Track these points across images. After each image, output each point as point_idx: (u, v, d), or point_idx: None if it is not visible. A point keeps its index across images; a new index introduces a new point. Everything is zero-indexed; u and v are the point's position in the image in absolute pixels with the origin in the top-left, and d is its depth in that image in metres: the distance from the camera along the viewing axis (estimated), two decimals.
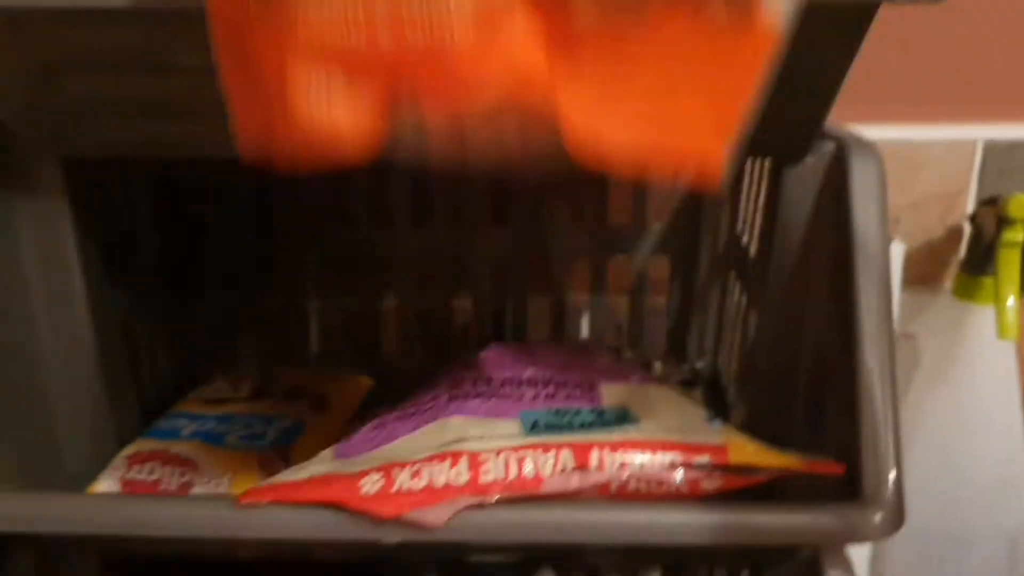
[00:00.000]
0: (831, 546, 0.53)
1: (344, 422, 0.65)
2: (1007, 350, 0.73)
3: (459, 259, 0.78)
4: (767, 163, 0.58)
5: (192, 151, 0.50)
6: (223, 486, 0.53)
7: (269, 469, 0.55)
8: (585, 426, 0.46)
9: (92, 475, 0.54)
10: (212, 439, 0.57)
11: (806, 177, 0.52)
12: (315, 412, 0.64)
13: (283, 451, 0.57)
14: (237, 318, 0.78)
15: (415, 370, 0.76)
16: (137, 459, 0.54)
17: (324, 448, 0.59)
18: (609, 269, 0.78)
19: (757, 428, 0.48)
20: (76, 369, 0.53)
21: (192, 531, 0.43)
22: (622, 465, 0.43)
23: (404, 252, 0.77)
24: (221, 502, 0.43)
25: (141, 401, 0.61)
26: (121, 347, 0.58)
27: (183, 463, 0.54)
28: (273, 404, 0.64)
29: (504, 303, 0.80)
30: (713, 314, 0.77)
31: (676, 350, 0.79)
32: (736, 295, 0.70)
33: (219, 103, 0.36)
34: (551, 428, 0.46)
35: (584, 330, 0.79)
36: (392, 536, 0.43)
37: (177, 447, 0.55)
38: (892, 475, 0.42)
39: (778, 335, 0.57)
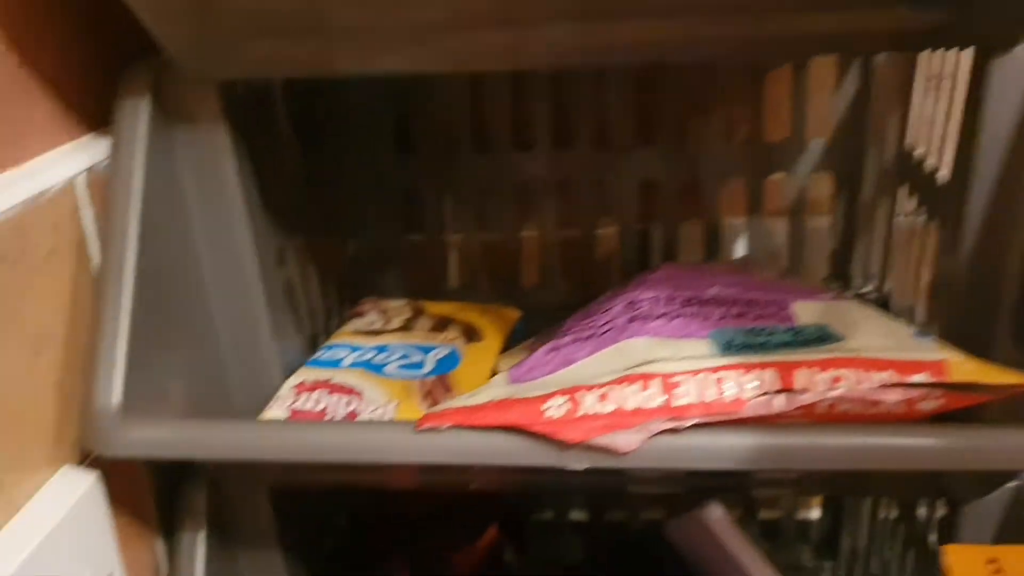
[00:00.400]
0: None
1: (497, 352, 0.63)
2: None
3: (603, 183, 0.75)
4: (962, 57, 0.53)
5: (341, 69, 0.48)
6: (389, 414, 0.52)
7: (432, 397, 0.54)
8: (783, 345, 0.42)
9: (258, 406, 0.53)
10: (373, 368, 0.56)
11: (1017, 68, 0.47)
12: (469, 341, 0.62)
13: (443, 380, 0.56)
14: (379, 253, 0.77)
15: (556, 304, 0.74)
16: (303, 388, 0.53)
17: (483, 376, 0.57)
18: (766, 189, 0.73)
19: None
20: (239, 299, 0.52)
21: (373, 456, 0.41)
22: (831, 385, 0.40)
23: (545, 178, 0.74)
24: (401, 426, 0.41)
25: (299, 335, 0.60)
26: (279, 278, 0.57)
27: (348, 391, 0.53)
28: (425, 335, 0.62)
29: (651, 230, 0.77)
30: (880, 234, 0.72)
31: (839, 274, 0.74)
32: (909, 211, 0.65)
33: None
34: (746, 348, 0.42)
35: (739, 256, 0.75)
36: (578, 462, 0.41)
37: (341, 376, 0.54)
38: None
39: (977, 251, 0.52)
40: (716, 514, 0.62)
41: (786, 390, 0.40)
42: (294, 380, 0.54)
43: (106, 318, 0.45)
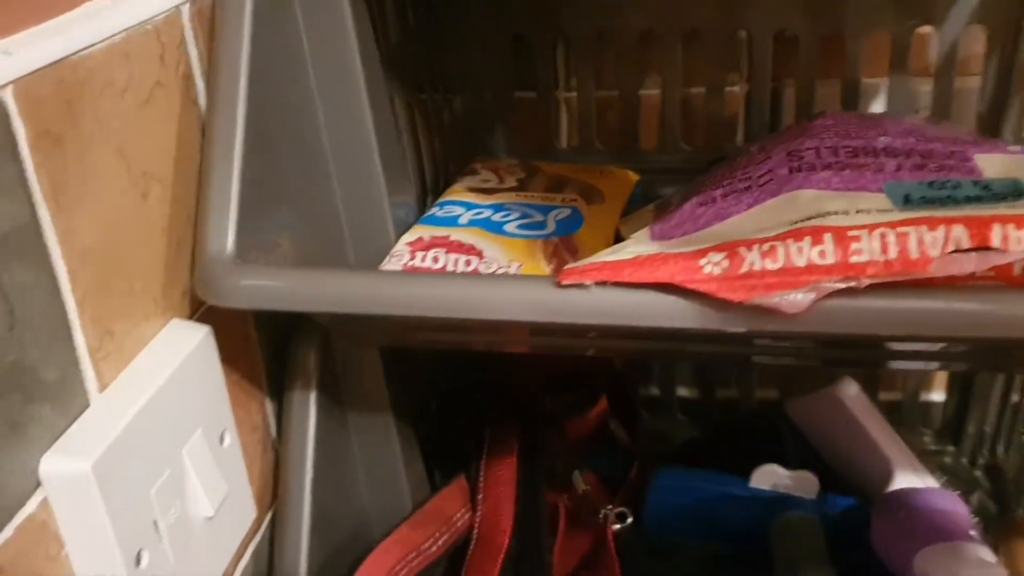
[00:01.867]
0: None
1: (618, 215, 0.59)
2: None
3: (731, 35, 0.68)
4: None
5: None
6: (513, 273, 0.48)
7: (558, 258, 0.50)
8: (972, 200, 0.37)
9: (371, 265, 0.50)
10: (492, 227, 0.52)
11: None
12: (589, 203, 0.58)
13: (567, 241, 0.52)
14: (487, 111, 0.72)
15: (676, 167, 0.69)
16: (419, 246, 0.49)
17: (607, 240, 0.53)
18: (912, 43, 0.66)
19: None
20: (353, 148, 0.49)
21: (509, 314, 0.38)
22: None
23: (670, 25, 0.67)
24: (540, 281, 0.38)
25: (410, 193, 0.56)
26: (392, 135, 0.53)
27: (467, 250, 0.49)
28: (543, 195, 0.58)
29: (782, 88, 0.71)
30: None
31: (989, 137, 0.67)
32: None
33: None
34: (928, 202, 0.37)
35: None
36: (740, 325, 0.36)
37: (458, 234, 0.51)
38: None
39: None
40: (852, 390, 0.58)
41: (980, 248, 0.35)
42: (409, 237, 0.50)
43: (217, 160, 0.41)
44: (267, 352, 0.51)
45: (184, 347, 0.42)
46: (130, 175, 0.40)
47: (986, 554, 0.46)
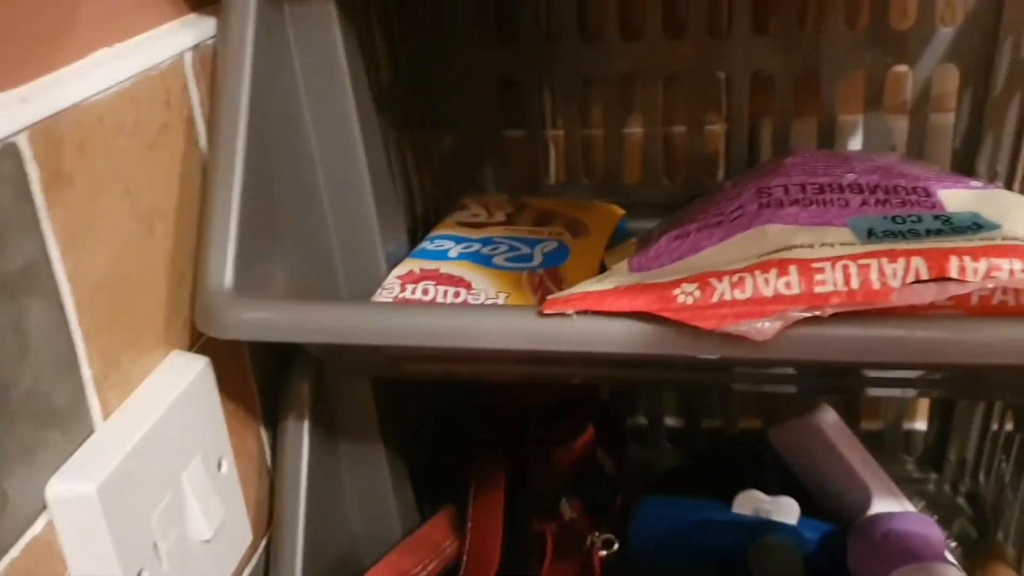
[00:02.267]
0: None
1: (603, 248, 0.61)
2: None
3: (712, 75, 0.71)
4: None
5: None
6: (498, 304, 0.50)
7: (543, 290, 0.52)
8: (932, 233, 0.39)
9: (365, 298, 0.52)
10: (480, 260, 0.54)
11: None
12: (575, 236, 0.60)
13: (553, 273, 0.54)
14: (476, 148, 0.74)
15: (659, 202, 0.72)
16: (410, 278, 0.51)
17: (592, 271, 0.55)
18: (887, 82, 0.69)
19: None
20: (347, 185, 0.51)
21: (494, 342, 0.40)
22: (987, 274, 0.37)
23: (652, 68, 0.70)
24: (523, 311, 0.40)
25: (402, 228, 0.59)
26: (385, 172, 0.55)
27: (456, 282, 0.51)
28: (531, 229, 0.60)
29: (760, 126, 0.73)
30: (1011, 130, 0.67)
31: (963, 172, 0.70)
32: None
33: None
34: (891, 235, 0.39)
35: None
36: (711, 351, 0.39)
37: (447, 267, 0.53)
38: None
39: None
40: (829, 417, 0.60)
41: (938, 278, 0.37)
42: (400, 270, 0.52)
43: (217, 197, 0.43)
44: (262, 383, 0.53)
45: (184, 377, 0.44)
46: (136, 213, 0.42)
47: (956, 574, 0.48)
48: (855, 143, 0.72)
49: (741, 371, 0.52)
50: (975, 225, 0.39)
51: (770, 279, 0.38)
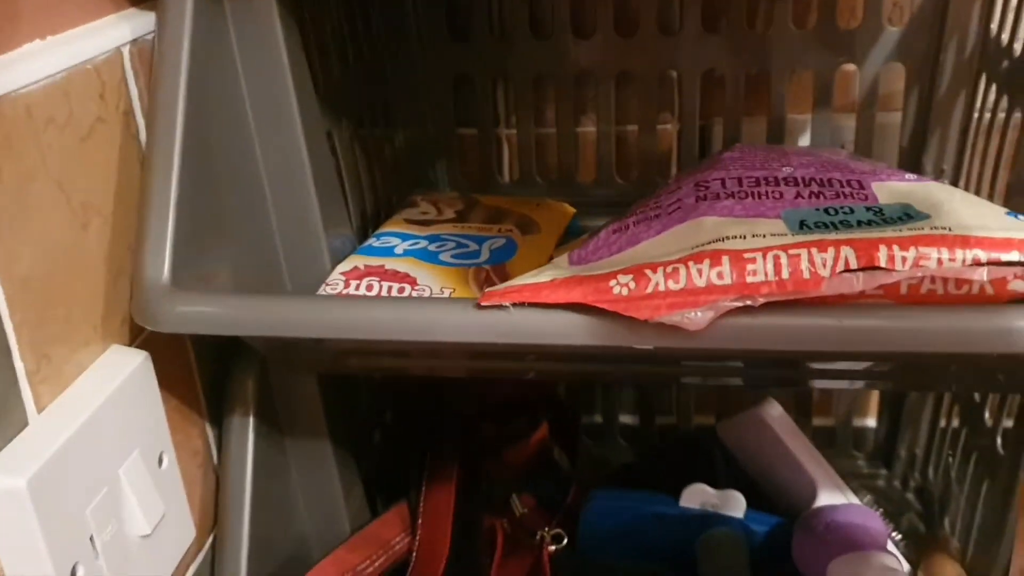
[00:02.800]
0: None
1: (553, 247, 0.61)
2: None
3: (664, 74, 0.72)
4: None
5: None
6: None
7: (489, 284, 0.52)
8: (864, 224, 0.40)
9: (308, 293, 0.52)
10: (427, 256, 0.54)
11: None
12: (524, 234, 0.60)
13: (500, 269, 0.54)
14: (429, 146, 0.75)
15: (612, 201, 0.72)
16: (354, 275, 0.51)
17: (540, 267, 0.55)
18: (835, 81, 0.69)
19: None
20: (289, 180, 0.50)
21: (432, 334, 0.40)
22: (915, 263, 0.37)
23: (604, 67, 0.71)
24: (461, 303, 0.40)
25: (348, 224, 0.58)
26: (328, 163, 0.55)
27: (401, 278, 0.51)
28: (480, 226, 0.61)
29: (711, 126, 0.74)
30: (956, 130, 0.68)
31: (910, 170, 0.70)
32: (989, 103, 0.62)
33: None
34: (822, 226, 0.40)
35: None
36: (646, 341, 0.39)
37: (393, 263, 0.53)
38: None
39: None
40: (774, 411, 0.60)
41: (867, 268, 0.37)
42: (344, 266, 0.52)
43: (154, 190, 0.43)
44: (207, 379, 0.53)
45: (122, 372, 0.44)
46: (70, 207, 0.41)
47: (893, 562, 0.48)
48: (804, 142, 0.73)
49: (689, 364, 0.53)
50: (906, 216, 0.40)
51: (703, 270, 0.38)
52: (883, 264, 0.37)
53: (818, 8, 0.68)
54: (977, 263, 0.37)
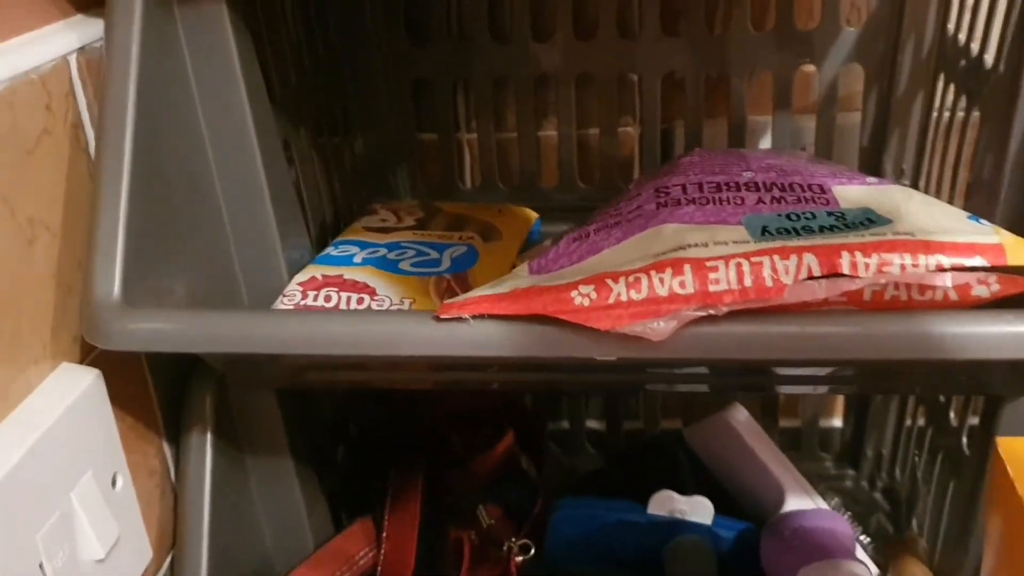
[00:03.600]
0: None
1: (516, 253, 0.60)
2: None
3: (625, 77, 0.71)
4: None
5: None
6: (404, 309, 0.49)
7: (450, 293, 0.51)
8: (826, 230, 0.39)
9: (265, 306, 0.51)
10: (386, 265, 0.53)
11: None
12: (486, 241, 0.59)
13: (461, 278, 0.53)
14: (389, 152, 0.74)
15: (575, 205, 0.72)
16: (312, 285, 0.50)
17: (502, 275, 0.55)
18: (795, 82, 0.69)
19: None
20: (243, 191, 0.49)
21: (390, 349, 0.39)
22: (879, 270, 0.37)
23: (564, 69, 0.70)
24: (419, 316, 0.39)
25: (306, 234, 0.57)
26: (285, 177, 0.54)
27: (359, 288, 0.50)
28: (440, 233, 0.60)
29: (674, 127, 0.74)
30: (915, 130, 0.68)
31: (871, 171, 0.71)
32: (947, 106, 0.62)
33: None
34: (785, 233, 0.39)
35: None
36: (609, 352, 0.38)
37: (352, 273, 0.52)
38: None
39: None
40: (740, 415, 0.60)
41: (829, 275, 0.37)
42: (301, 277, 0.51)
43: (103, 204, 0.42)
44: (164, 396, 0.51)
45: (73, 390, 0.42)
46: (15, 221, 0.40)
47: (862, 570, 0.48)
48: (765, 144, 0.73)
49: (655, 372, 0.52)
50: (868, 221, 0.40)
51: (665, 279, 0.38)
52: (846, 271, 0.37)
53: (776, 9, 0.68)
54: (941, 269, 0.37)
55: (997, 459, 0.35)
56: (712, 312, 0.37)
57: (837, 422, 0.80)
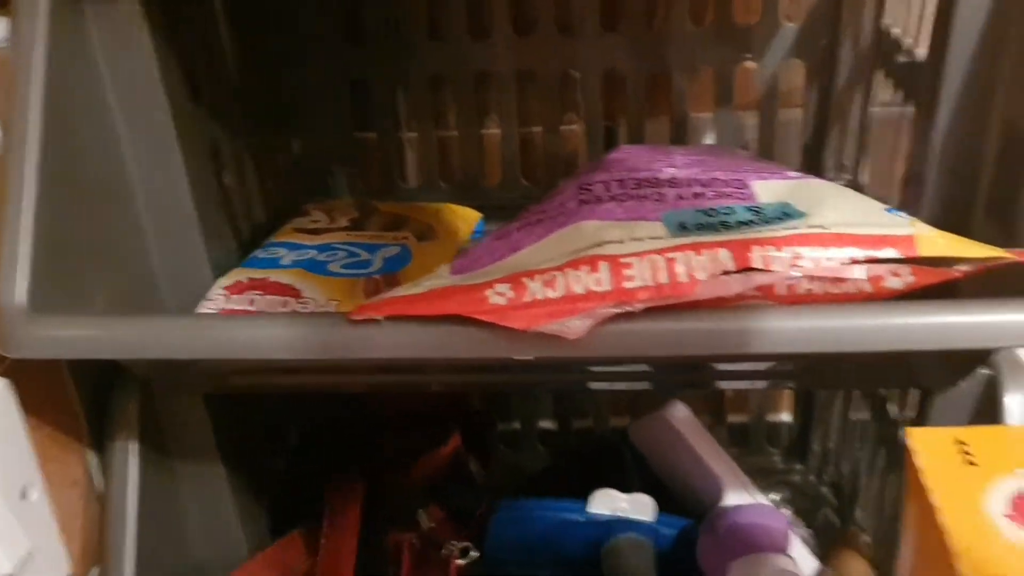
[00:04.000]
0: (1011, 363, 0.47)
1: (454, 252, 0.59)
2: None
3: (566, 74, 0.71)
4: None
5: None
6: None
7: (378, 295, 0.50)
8: (743, 224, 0.39)
9: (189, 310, 0.50)
10: (314, 267, 0.52)
11: None
12: (421, 241, 0.58)
13: (391, 278, 0.53)
14: (328, 152, 0.73)
15: (519, 204, 0.71)
16: (236, 288, 0.49)
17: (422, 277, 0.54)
18: (736, 78, 0.69)
19: None
20: (165, 196, 0.48)
21: (302, 351, 0.38)
22: (792, 263, 0.37)
23: (504, 67, 0.70)
24: (333, 319, 0.38)
25: (235, 236, 0.56)
26: (211, 179, 0.53)
27: (284, 291, 0.49)
28: (375, 234, 0.59)
29: (617, 124, 0.73)
30: (854, 124, 0.68)
31: (812, 167, 0.71)
32: (885, 101, 0.62)
33: None
34: (702, 228, 0.39)
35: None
36: (526, 352, 0.38)
37: (277, 275, 0.51)
38: None
39: (958, 130, 0.48)
40: (679, 412, 0.60)
41: (742, 270, 0.37)
42: (226, 280, 0.50)
43: (9, 211, 0.41)
44: (88, 404, 0.50)
45: None
46: None
47: (789, 564, 0.48)
48: (708, 141, 0.73)
49: (595, 371, 0.52)
50: (784, 215, 0.39)
51: (581, 276, 0.37)
52: (759, 265, 0.36)
53: (715, 5, 0.67)
54: (854, 261, 0.37)
55: (908, 449, 0.35)
56: (628, 309, 0.37)
57: (786, 417, 0.80)
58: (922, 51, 0.54)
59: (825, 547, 0.64)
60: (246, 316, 0.46)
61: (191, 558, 0.54)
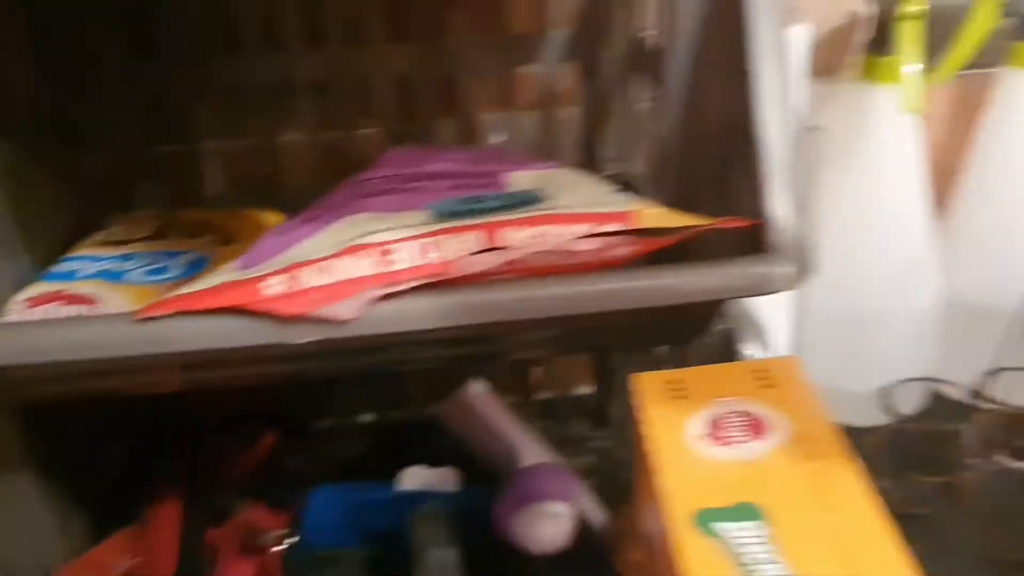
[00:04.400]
0: (745, 319, 0.54)
1: None
2: (911, 127, 0.73)
3: (360, 82, 0.75)
4: None
5: None
6: None
7: None
8: (494, 210, 0.44)
9: None
10: (113, 277, 0.55)
11: None
12: (224, 245, 0.61)
13: (189, 282, 0.55)
14: (130, 166, 0.74)
15: None
16: (36, 302, 0.51)
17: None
18: (516, 82, 0.75)
19: None
20: None
21: (91, 351, 0.41)
22: (532, 241, 0.42)
23: (300, 77, 0.73)
24: (118, 318, 0.41)
25: (32, 252, 0.58)
26: (5, 199, 0.54)
27: (84, 301, 0.51)
28: (177, 242, 0.61)
29: (411, 127, 0.78)
30: (621, 119, 0.75)
31: (589, 160, 0.77)
32: (640, 95, 0.69)
33: None
34: (458, 215, 0.44)
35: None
36: (302, 336, 0.42)
37: (76, 287, 0.53)
38: (794, 223, 0.42)
39: (686, 124, 0.56)
40: (476, 390, 0.65)
41: (492, 249, 0.42)
42: (22, 295, 0.52)
43: None
44: None
45: None
46: None
47: (560, 509, 0.54)
48: (494, 140, 0.78)
49: (394, 356, 0.56)
50: (529, 200, 0.45)
51: (351, 263, 0.42)
52: (504, 245, 0.42)
53: (493, 15, 0.73)
54: (585, 236, 0.42)
55: (634, 393, 0.41)
56: (395, 289, 0.41)
57: (587, 389, 0.86)
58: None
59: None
60: (34, 321, 0.48)
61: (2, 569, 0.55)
